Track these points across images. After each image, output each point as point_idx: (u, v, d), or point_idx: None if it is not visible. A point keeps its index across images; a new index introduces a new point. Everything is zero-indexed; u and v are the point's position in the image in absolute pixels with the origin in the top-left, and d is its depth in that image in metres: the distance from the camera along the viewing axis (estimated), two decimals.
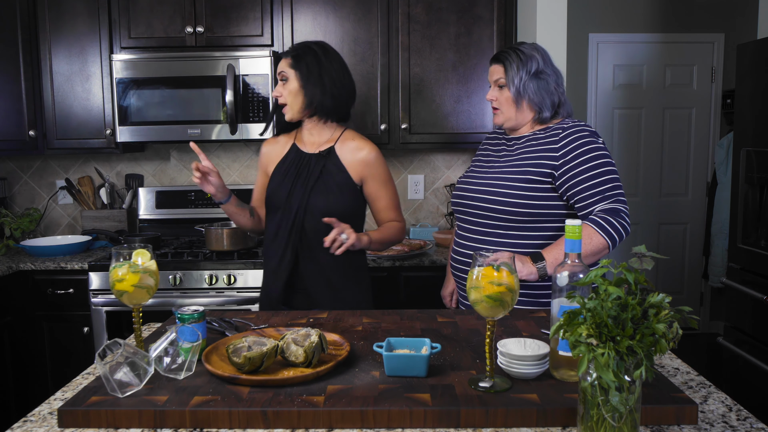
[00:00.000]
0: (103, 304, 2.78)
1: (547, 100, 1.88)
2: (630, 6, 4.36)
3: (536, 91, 1.87)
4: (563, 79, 1.95)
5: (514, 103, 1.89)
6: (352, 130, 2.11)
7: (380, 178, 2.04)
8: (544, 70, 1.87)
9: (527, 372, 1.27)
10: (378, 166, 2.03)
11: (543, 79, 1.87)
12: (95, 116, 3.09)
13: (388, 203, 2.06)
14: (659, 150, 4.52)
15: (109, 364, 1.23)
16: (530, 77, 1.86)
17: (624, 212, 1.75)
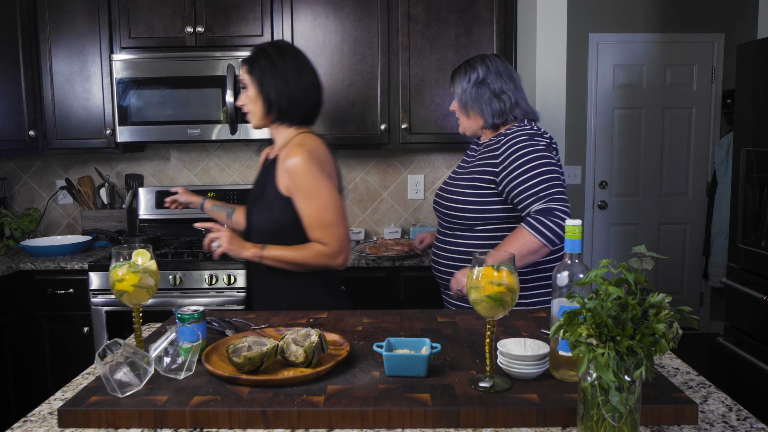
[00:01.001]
0: (103, 304, 2.78)
1: (487, 107, 1.96)
2: (630, 6, 4.36)
3: (475, 99, 1.97)
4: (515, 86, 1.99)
5: (463, 112, 2.02)
6: (308, 134, 1.90)
7: (301, 191, 1.79)
8: (485, 79, 1.95)
9: (527, 372, 1.27)
10: (300, 177, 1.78)
11: (483, 88, 1.96)
12: (95, 116, 3.09)
13: (309, 221, 1.80)
14: (659, 150, 4.52)
15: (109, 364, 1.23)
16: (471, 87, 1.96)
17: (558, 210, 1.78)
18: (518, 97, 1.98)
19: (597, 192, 4.54)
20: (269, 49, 1.88)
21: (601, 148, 4.50)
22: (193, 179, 3.48)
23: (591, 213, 4.56)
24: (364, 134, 3.08)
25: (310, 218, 1.80)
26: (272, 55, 1.86)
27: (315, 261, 1.81)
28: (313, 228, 1.80)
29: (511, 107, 1.96)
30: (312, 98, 1.91)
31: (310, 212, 1.79)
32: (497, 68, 1.97)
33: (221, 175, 3.48)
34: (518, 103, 1.97)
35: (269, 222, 1.85)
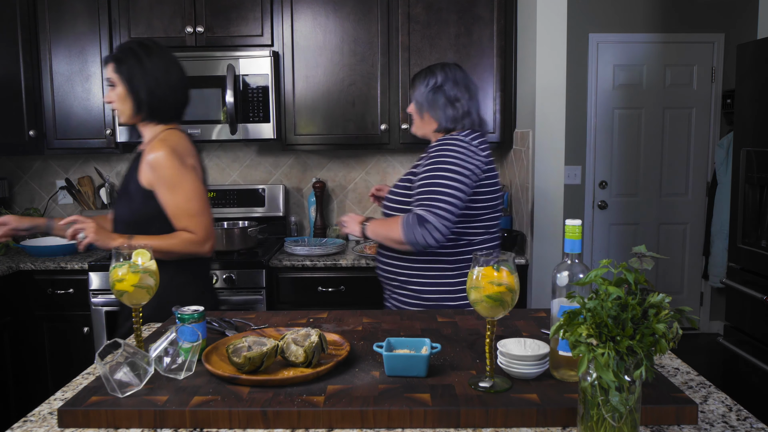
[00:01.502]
0: (103, 304, 2.78)
1: (441, 112, 2.02)
2: (630, 6, 4.36)
3: (431, 103, 2.02)
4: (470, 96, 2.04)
5: (418, 114, 2.08)
6: (173, 131, 1.93)
7: (165, 183, 1.83)
8: (442, 86, 2.02)
9: (527, 372, 1.27)
10: (163, 170, 1.82)
11: (439, 94, 2.02)
12: (95, 116, 3.09)
13: (174, 211, 1.84)
14: (659, 150, 4.52)
15: (109, 364, 1.23)
16: (428, 91, 2.02)
17: (432, 224, 1.85)
18: (471, 107, 2.04)
19: (597, 192, 4.54)
20: (137, 49, 1.89)
21: (601, 148, 4.50)
22: None
23: (591, 213, 4.56)
24: (364, 134, 3.08)
25: (175, 208, 1.84)
26: (141, 55, 1.88)
27: (183, 248, 1.85)
28: (179, 217, 1.84)
29: (463, 115, 2.02)
30: (180, 96, 1.95)
31: (175, 203, 1.84)
32: (455, 77, 2.04)
33: (221, 175, 3.48)
34: (470, 113, 2.03)
35: (131, 214, 1.89)
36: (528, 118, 2.88)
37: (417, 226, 1.86)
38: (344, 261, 2.83)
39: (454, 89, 2.02)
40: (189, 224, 1.85)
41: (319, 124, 3.08)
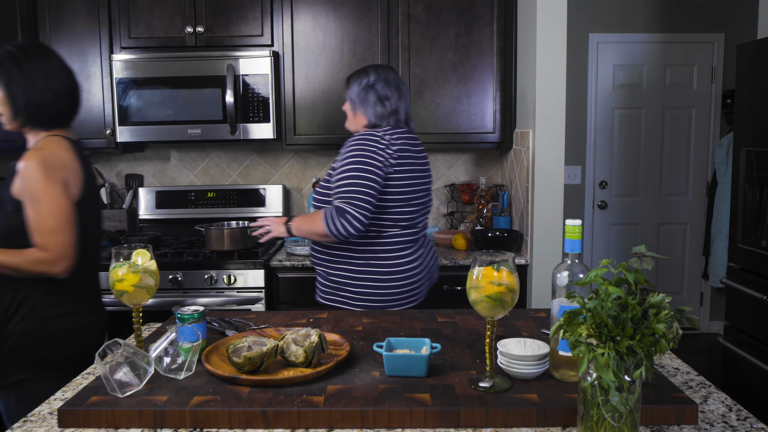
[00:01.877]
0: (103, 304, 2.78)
1: (371, 110, 2.14)
2: (630, 6, 4.36)
3: (363, 101, 2.15)
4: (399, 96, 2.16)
5: (351, 111, 2.20)
6: (54, 138, 1.83)
7: (28, 195, 1.72)
8: (374, 85, 2.15)
9: (527, 372, 1.27)
10: (28, 181, 1.72)
11: (370, 93, 2.15)
12: (95, 116, 3.09)
13: (32, 225, 1.72)
14: (659, 150, 4.52)
15: (109, 364, 1.23)
16: (360, 90, 2.16)
17: (351, 214, 1.97)
18: (399, 106, 2.16)
19: (597, 192, 4.54)
20: (16, 52, 1.80)
21: (601, 148, 4.50)
22: (193, 179, 3.48)
23: (591, 213, 4.56)
24: None
25: (33, 222, 1.73)
26: (19, 59, 1.79)
27: (29, 267, 1.72)
28: (35, 232, 1.73)
29: (390, 113, 2.15)
30: (63, 102, 1.85)
31: (33, 216, 1.73)
32: (387, 77, 2.18)
33: (221, 175, 3.48)
34: (397, 111, 2.15)
35: (1, 223, 1.79)
36: (528, 118, 2.88)
37: (337, 218, 1.97)
38: None
39: (384, 89, 2.16)
40: (43, 241, 1.71)
41: (319, 124, 3.08)
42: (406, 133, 2.16)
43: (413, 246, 2.15)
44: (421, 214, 2.20)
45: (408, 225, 2.14)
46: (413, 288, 2.14)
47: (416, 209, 2.15)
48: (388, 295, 2.10)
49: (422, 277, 2.17)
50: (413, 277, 2.13)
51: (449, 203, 3.48)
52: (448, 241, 3.11)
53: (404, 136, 2.14)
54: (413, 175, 2.12)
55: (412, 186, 2.12)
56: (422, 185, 2.17)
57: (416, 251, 2.16)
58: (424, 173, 2.20)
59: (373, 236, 2.09)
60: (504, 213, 3.22)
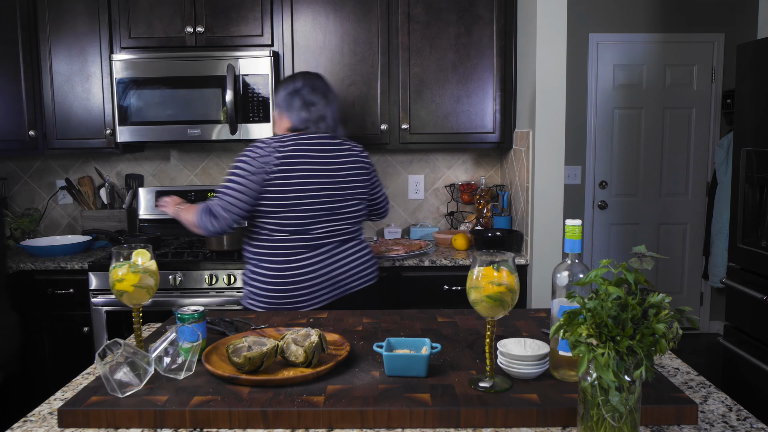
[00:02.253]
0: (103, 304, 2.79)
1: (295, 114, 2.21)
2: (630, 6, 4.36)
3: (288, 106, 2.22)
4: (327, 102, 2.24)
5: (278, 115, 2.28)
6: None
7: None
8: (300, 91, 2.22)
9: (527, 372, 1.27)
10: None
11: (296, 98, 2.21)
12: (95, 116, 3.09)
13: None
14: (659, 150, 4.52)
15: (109, 364, 1.23)
16: (287, 95, 2.23)
17: (218, 213, 2.08)
18: (327, 112, 2.23)
19: (597, 192, 4.54)
20: None
21: (601, 148, 4.50)
22: (193, 179, 3.48)
23: (591, 213, 4.56)
24: (364, 134, 3.08)
25: None
26: None
27: None
28: None
29: (318, 119, 2.21)
30: None
31: None
32: (314, 84, 2.24)
33: (221, 175, 3.48)
34: (324, 117, 2.22)
35: None
36: (528, 118, 2.88)
37: (204, 214, 2.09)
38: None
39: (311, 95, 2.22)
40: None
41: None
42: (320, 139, 2.16)
43: (305, 252, 2.11)
44: (318, 221, 2.12)
45: (297, 231, 2.10)
46: (303, 294, 2.10)
47: (306, 215, 2.10)
48: (272, 298, 2.10)
49: (315, 284, 2.11)
50: (301, 284, 2.09)
51: (449, 203, 3.48)
52: (448, 241, 3.11)
53: (307, 141, 2.14)
54: (303, 181, 2.08)
55: (300, 192, 2.08)
56: (319, 192, 2.11)
57: (308, 258, 2.10)
58: (328, 179, 2.13)
59: (263, 239, 2.13)
60: (504, 213, 3.22)
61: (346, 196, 2.19)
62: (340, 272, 2.18)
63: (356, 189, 2.22)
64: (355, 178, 2.22)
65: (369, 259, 2.28)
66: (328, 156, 2.17)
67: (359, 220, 2.27)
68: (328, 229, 2.16)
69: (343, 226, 2.20)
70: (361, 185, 2.24)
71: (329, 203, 2.14)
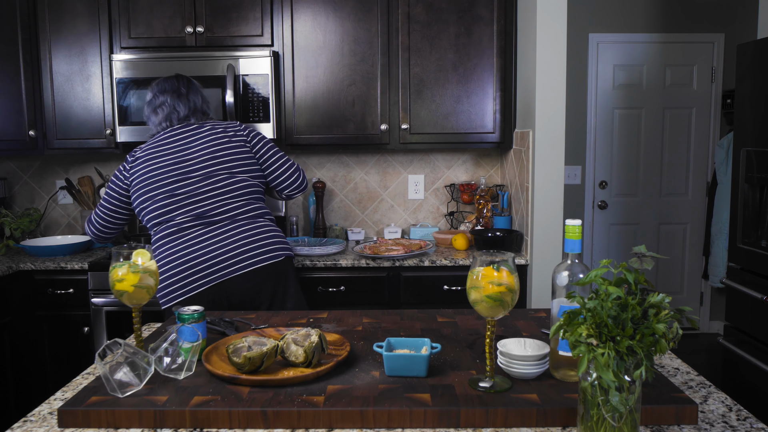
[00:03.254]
0: (103, 304, 2.78)
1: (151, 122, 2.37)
2: (630, 6, 4.36)
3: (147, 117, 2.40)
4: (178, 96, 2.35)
5: None
6: None
7: None
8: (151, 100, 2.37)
9: (527, 372, 1.27)
10: None
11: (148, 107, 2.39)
12: (95, 116, 3.09)
13: None
14: (659, 150, 4.52)
15: (109, 364, 1.23)
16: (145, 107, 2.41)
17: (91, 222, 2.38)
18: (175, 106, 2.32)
19: (597, 192, 4.54)
20: None
21: (601, 148, 4.50)
22: None
23: (591, 213, 4.56)
24: (364, 134, 3.08)
25: None
26: None
27: None
28: None
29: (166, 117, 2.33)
30: None
31: None
32: (163, 87, 2.36)
33: None
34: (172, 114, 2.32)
35: None
36: (528, 118, 2.88)
37: (87, 222, 2.40)
38: (344, 261, 2.83)
39: (158, 97, 2.34)
40: None
41: (319, 124, 3.08)
42: (172, 131, 2.29)
43: (172, 240, 2.13)
44: (179, 206, 2.14)
45: (161, 221, 2.17)
46: (175, 281, 2.10)
47: (165, 203, 2.15)
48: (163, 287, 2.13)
49: (187, 269, 2.09)
50: (171, 271, 2.11)
51: (449, 203, 3.48)
52: (448, 241, 3.11)
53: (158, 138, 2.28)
54: (155, 171, 2.20)
55: (152, 183, 2.19)
56: (172, 177, 2.18)
57: (176, 245, 2.12)
58: (180, 164, 2.19)
59: (155, 234, 2.22)
60: (504, 213, 3.22)
61: (209, 175, 2.16)
62: (216, 255, 2.11)
63: (222, 165, 2.19)
64: (218, 154, 2.20)
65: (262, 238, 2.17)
66: (180, 143, 2.25)
67: (239, 196, 2.19)
68: (194, 212, 2.14)
69: (215, 205, 2.15)
70: (230, 160, 2.21)
71: (187, 186, 2.16)
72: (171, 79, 2.40)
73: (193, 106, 2.35)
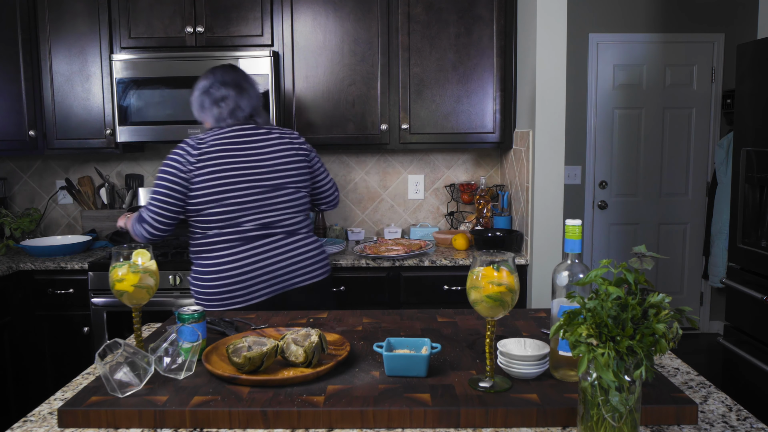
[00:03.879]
0: (103, 304, 2.78)
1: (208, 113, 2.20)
2: (630, 6, 4.36)
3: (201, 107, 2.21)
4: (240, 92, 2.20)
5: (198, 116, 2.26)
6: None
7: None
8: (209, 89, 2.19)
9: (527, 372, 1.27)
10: None
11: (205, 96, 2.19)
12: (95, 116, 3.09)
13: None
14: (659, 150, 4.52)
15: (109, 364, 1.23)
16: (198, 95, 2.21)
17: (145, 220, 2.10)
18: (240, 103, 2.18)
19: (597, 192, 4.54)
20: None
21: (601, 148, 4.50)
22: None
23: (591, 213, 4.56)
24: (364, 134, 3.08)
25: None
26: None
27: None
28: None
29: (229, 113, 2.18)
30: None
31: None
32: (223, 78, 2.20)
33: None
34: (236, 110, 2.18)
35: None
36: (528, 118, 2.88)
37: (137, 223, 2.12)
38: (344, 261, 2.83)
39: (220, 89, 2.18)
40: None
41: (319, 124, 3.08)
42: (241, 131, 2.15)
43: (236, 247, 2.09)
44: (247, 213, 2.10)
45: (227, 225, 2.08)
46: (236, 289, 2.07)
47: (234, 209, 2.08)
48: (210, 294, 2.08)
49: (250, 278, 2.08)
50: (233, 278, 2.07)
51: (449, 203, 3.48)
52: (448, 241, 3.11)
53: (227, 135, 2.12)
54: (226, 174, 2.07)
55: (224, 186, 2.06)
56: (245, 184, 2.09)
57: (240, 252, 2.08)
58: (254, 171, 2.11)
59: (198, 237, 2.13)
60: (504, 213, 3.22)
61: (279, 186, 2.14)
62: (279, 267, 2.12)
63: (291, 178, 2.17)
64: (288, 167, 2.17)
65: (317, 254, 2.22)
66: (253, 147, 2.13)
67: (300, 211, 2.21)
68: (261, 222, 2.11)
69: (280, 217, 2.14)
70: (297, 173, 2.18)
71: (258, 194, 2.10)
72: (229, 70, 2.24)
73: (255, 104, 2.23)
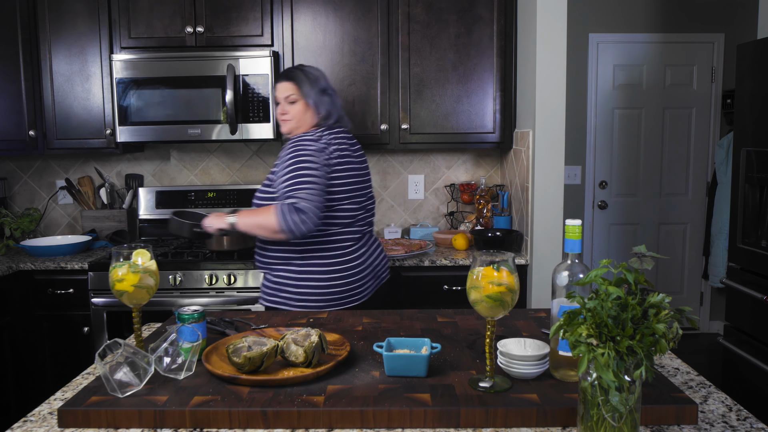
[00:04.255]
0: (103, 304, 2.78)
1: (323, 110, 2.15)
2: (630, 6, 4.36)
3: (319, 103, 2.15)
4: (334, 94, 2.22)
5: (303, 112, 2.15)
6: None
7: None
8: (327, 89, 2.18)
9: (527, 372, 1.27)
10: None
11: (324, 96, 2.16)
12: (95, 116, 3.09)
13: None
14: (659, 150, 4.52)
15: (109, 364, 1.23)
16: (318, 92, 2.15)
17: (303, 211, 1.91)
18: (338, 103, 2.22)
19: (597, 192, 4.54)
20: None
21: (601, 148, 4.50)
22: (193, 179, 3.48)
23: (591, 213, 4.56)
24: (364, 134, 3.08)
25: None
26: None
27: None
28: None
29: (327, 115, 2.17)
30: None
31: None
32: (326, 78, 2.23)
33: (221, 175, 3.48)
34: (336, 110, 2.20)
35: None
36: (528, 118, 2.88)
37: (292, 214, 1.90)
38: None
39: (330, 89, 2.21)
40: None
41: None
42: (343, 132, 2.21)
43: (355, 244, 2.15)
44: (365, 211, 2.20)
45: (350, 223, 2.14)
46: (356, 287, 2.13)
47: (358, 206, 2.16)
48: (329, 294, 2.07)
49: (365, 276, 2.16)
50: (355, 276, 2.11)
51: (449, 203, 3.48)
52: (448, 241, 3.11)
53: (341, 135, 2.18)
54: (352, 173, 2.14)
55: (352, 183, 2.14)
56: (362, 182, 2.19)
57: (359, 250, 2.15)
58: (363, 170, 2.22)
59: (314, 235, 2.06)
60: (504, 213, 3.22)
61: (370, 188, 2.27)
62: (379, 263, 2.26)
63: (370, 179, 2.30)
64: (368, 170, 2.30)
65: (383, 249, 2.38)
66: (356, 148, 2.25)
67: None
68: (367, 221, 2.23)
69: (371, 217, 2.28)
70: None
71: (368, 193, 2.23)
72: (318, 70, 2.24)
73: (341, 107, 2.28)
